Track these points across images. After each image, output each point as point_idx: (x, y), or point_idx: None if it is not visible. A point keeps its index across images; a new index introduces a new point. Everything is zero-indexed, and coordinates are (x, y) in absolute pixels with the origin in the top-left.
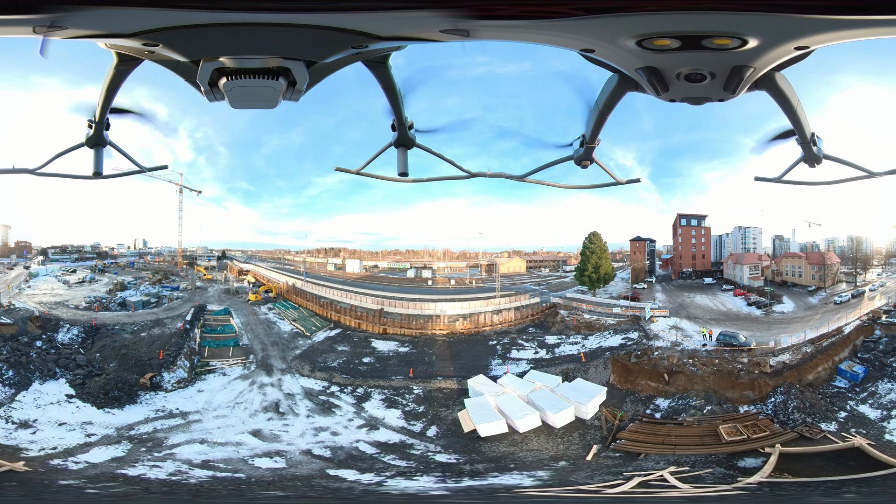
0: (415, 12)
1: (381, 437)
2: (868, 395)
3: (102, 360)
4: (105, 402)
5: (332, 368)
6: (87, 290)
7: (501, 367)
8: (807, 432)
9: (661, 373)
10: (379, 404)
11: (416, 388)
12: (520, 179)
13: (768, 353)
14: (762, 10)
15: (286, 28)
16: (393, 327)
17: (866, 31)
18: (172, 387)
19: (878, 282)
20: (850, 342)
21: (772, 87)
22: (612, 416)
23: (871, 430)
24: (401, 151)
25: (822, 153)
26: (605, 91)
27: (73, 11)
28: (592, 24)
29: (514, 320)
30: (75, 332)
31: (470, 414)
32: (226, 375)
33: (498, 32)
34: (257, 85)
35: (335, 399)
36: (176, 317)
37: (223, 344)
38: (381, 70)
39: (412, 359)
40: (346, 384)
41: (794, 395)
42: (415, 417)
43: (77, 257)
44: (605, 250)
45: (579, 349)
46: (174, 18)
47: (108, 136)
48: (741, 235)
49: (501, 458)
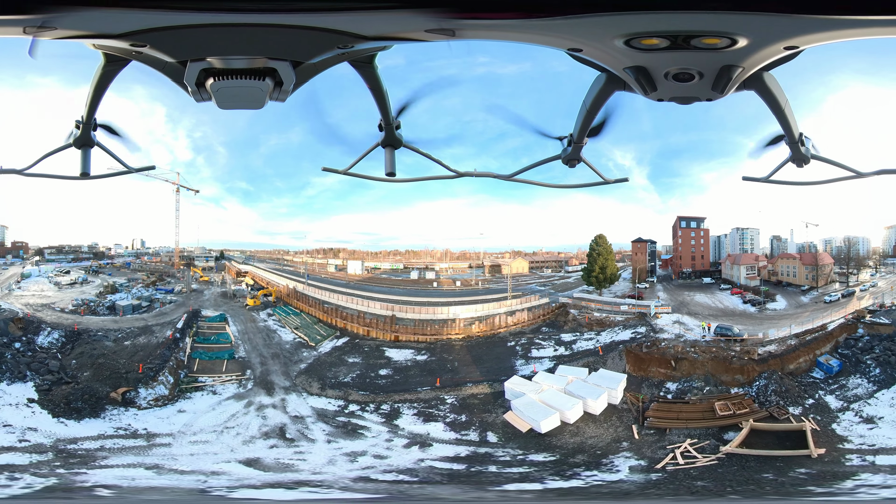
0: (399, 12)
1: (442, 452)
2: (838, 387)
3: (78, 368)
4: (63, 412)
5: (345, 384)
6: (77, 291)
7: (526, 366)
8: (776, 412)
9: (669, 360)
10: (414, 419)
11: (448, 398)
12: (507, 179)
13: (757, 343)
14: (752, 10)
15: (272, 28)
16: (406, 334)
17: (856, 31)
18: (148, 404)
19: (869, 282)
20: (833, 338)
21: (760, 86)
22: (635, 400)
23: (826, 417)
24: (388, 151)
25: (809, 153)
26: (593, 90)
27: (62, 12)
28: (581, 24)
29: (527, 321)
30: (56, 335)
31: (520, 414)
32: (216, 394)
33: (483, 32)
34: (244, 85)
35: (357, 420)
36: (166, 324)
37: (216, 356)
38: (367, 70)
39: (433, 367)
40: (365, 402)
41: (775, 381)
42: (462, 427)
43: (73, 258)
44: (610, 252)
45: (595, 344)
46: (161, 19)
47: (95, 136)
48: (739, 237)
49: (580, 449)
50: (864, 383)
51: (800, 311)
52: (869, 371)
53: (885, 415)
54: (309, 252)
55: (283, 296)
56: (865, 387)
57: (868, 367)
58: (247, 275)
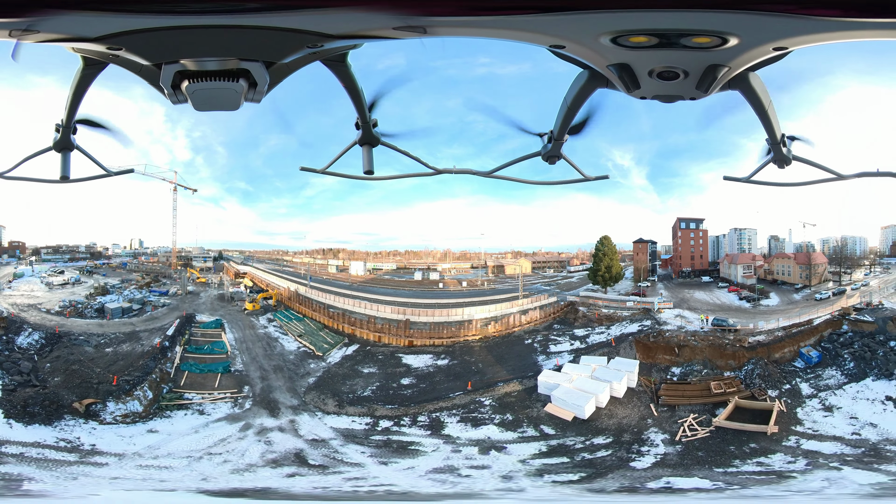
0: (366, 10)
1: (524, 450)
2: (814, 376)
3: (50, 372)
4: (16, 414)
5: (367, 399)
6: (67, 292)
7: (548, 361)
8: (757, 393)
9: (673, 348)
10: (462, 426)
11: (484, 400)
12: (487, 176)
13: (748, 333)
14: (743, 10)
15: (241, 30)
16: (421, 338)
17: (847, 33)
18: (113, 420)
19: (862, 281)
20: (818, 332)
21: (745, 86)
22: (648, 382)
23: (795, 401)
24: (366, 150)
25: (791, 154)
26: (574, 87)
27: (46, 15)
28: (566, 20)
29: (539, 319)
30: (36, 337)
31: (562, 404)
32: (203, 414)
33: (457, 29)
34: (218, 87)
35: (398, 436)
36: (155, 330)
37: (209, 369)
38: (340, 69)
39: (458, 370)
40: (396, 415)
41: (760, 367)
42: (515, 425)
43: (69, 258)
44: (615, 252)
45: (607, 337)
46: (135, 22)
47: (75, 139)
48: (737, 237)
49: (622, 429)
50: (838, 375)
51: (790, 307)
52: (844, 364)
53: (844, 406)
54: (308, 252)
55: (284, 299)
56: (838, 378)
57: (844, 361)
58: (246, 276)
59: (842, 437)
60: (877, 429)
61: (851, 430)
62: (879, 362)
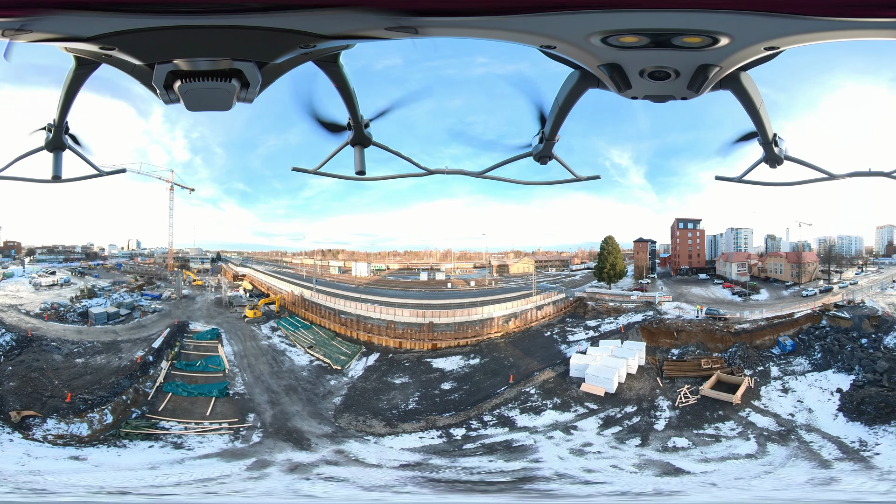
0: (358, 11)
1: (591, 425)
2: (785, 362)
3: (9, 377)
4: None
5: (417, 412)
6: (54, 294)
7: (570, 349)
8: (735, 371)
9: (672, 332)
10: (528, 417)
11: (530, 390)
12: (478, 176)
13: (735, 322)
14: (734, 10)
15: (233, 30)
16: (445, 340)
17: (839, 33)
18: (42, 438)
19: (851, 280)
20: (798, 325)
21: (736, 86)
22: (654, 360)
23: (763, 381)
24: (357, 150)
25: (783, 154)
26: (566, 88)
27: (39, 15)
28: (557, 21)
29: (553, 314)
30: (7, 338)
31: (595, 382)
32: (181, 449)
33: (448, 30)
34: (211, 87)
35: (483, 439)
36: (140, 340)
37: (200, 392)
38: (332, 69)
39: (493, 367)
40: (460, 421)
41: (742, 349)
42: (565, 406)
43: (64, 258)
44: (618, 251)
45: (616, 325)
46: (128, 23)
47: (67, 139)
48: (733, 236)
49: (641, 398)
50: (805, 363)
51: (778, 302)
52: (813, 355)
53: (799, 390)
54: (307, 253)
55: (287, 304)
56: (804, 366)
57: (814, 352)
58: (245, 278)
59: (779, 415)
60: (810, 414)
61: (789, 411)
62: (845, 356)
